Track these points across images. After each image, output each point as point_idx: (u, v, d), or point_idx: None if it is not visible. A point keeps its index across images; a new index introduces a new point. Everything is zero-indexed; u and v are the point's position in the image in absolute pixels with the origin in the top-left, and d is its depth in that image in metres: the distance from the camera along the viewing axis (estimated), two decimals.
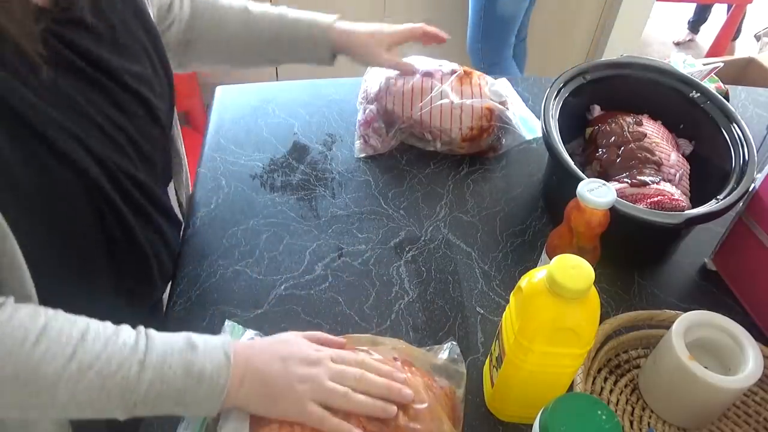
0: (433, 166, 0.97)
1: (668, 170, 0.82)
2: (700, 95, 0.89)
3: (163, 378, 0.52)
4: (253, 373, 0.56)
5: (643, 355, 0.72)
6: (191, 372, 0.53)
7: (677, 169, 0.83)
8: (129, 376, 0.51)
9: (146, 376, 0.51)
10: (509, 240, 0.87)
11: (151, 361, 0.52)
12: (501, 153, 0.99)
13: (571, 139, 0.92)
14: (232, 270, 0.80)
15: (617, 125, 0.88)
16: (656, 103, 0.91)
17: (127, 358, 0.51)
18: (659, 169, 0.82)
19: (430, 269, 0.82)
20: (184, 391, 0.53)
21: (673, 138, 0.90)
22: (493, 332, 0.75)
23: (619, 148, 0.85)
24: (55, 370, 0.49)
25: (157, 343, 0.53)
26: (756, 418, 0.68)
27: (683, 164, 0.86)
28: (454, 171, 0.97)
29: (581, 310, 0.54)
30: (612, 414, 0.50)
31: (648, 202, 0.76)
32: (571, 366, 0.58)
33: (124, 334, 0.53)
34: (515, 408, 0.65)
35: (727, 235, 0.81)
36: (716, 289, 0.82)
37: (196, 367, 0.53)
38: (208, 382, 0.53)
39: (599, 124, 0.91)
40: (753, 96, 1.20)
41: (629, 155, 0.84)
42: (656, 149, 0.84)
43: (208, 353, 0.54)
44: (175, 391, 0.52)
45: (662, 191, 0.77)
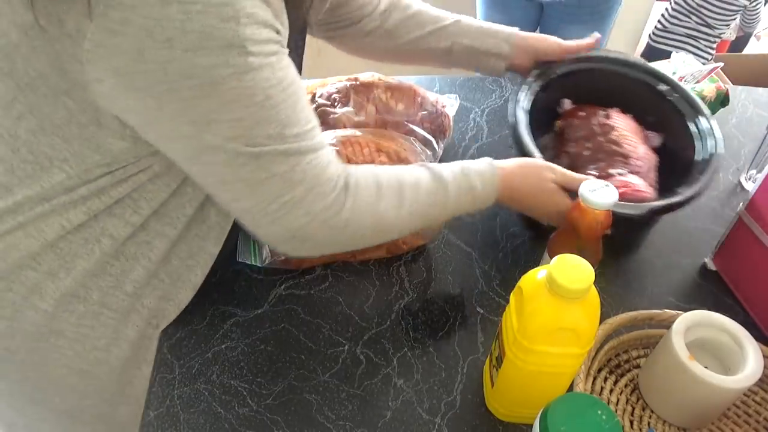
0: None
1: (636, 163, 0.83)
2: (668, 88, 0.90)
3: (458, 204, 0.70)
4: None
5: (643, 355, 0.72)
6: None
7: (645, 162, 0.84)
8: (437, 212, 0.69)
9: (449, 208, 0.69)
10: (509, 240, 0.87)
11: (451, 199, 0.68)
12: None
13: (543, 133, 0.93)
14: (232, 270, 0.80)
15: (586, 119, 0.88)
16: (625, 96, 0.91)
17: (434, 203, 0.68)
18: (627, 161, 0.82)
19: (430, 269, 0.82)
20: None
21: (642, 131, 0.91)
22: (493, 332, 0.75)
23: (587, 142, 0.85)
24: (394, 218, 0.65)
25: (450, 188, 0.68)
26: (756, 418, 0.68)
27: (651, 157, 0.86)
28: None
29: (581, 310, 0.54)
30: (612, 414, 0.51)
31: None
32: (571, 366, 0.58)
33: (424, 181, 0.67)
34: (515, 408, 0.65)
35: (727, 235, 0.81)
36: (716, 289, 0.82)
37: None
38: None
39: (569, 118, 0.91)
40: (753, 96, 1.20)
41: (598, 148, 0.84)
42: (624, 142, 0.84)
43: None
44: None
45: (627, 183, 0.77)
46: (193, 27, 0.48)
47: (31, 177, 0.59)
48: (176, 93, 0.51)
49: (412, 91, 0.92)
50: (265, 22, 0.52)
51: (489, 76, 0.92)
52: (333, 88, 0.90)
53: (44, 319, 0.65)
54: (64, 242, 0.63)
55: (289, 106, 0.55)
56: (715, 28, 2.21)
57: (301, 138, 0.57)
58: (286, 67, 0.55)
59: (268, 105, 0.53)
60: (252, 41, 0.50)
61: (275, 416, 0.66)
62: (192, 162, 0.57)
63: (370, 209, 0.63)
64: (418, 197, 0.66)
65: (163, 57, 0.48)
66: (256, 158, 0.55)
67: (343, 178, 0.61)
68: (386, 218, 0.64)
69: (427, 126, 0.91)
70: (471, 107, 1.10)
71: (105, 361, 0.70)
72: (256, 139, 0.54)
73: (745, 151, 1.06)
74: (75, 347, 0.68)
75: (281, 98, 0.54)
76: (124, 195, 0.62)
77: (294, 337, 0.73)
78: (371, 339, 0.74)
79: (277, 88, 0.54)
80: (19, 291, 0.64)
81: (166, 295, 0.71)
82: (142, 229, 0.65)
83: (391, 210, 0.64)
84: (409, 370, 0.71)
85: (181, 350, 0.71)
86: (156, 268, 0.68)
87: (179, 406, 0.66)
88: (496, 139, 1.04)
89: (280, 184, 0.57)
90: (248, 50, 0.50)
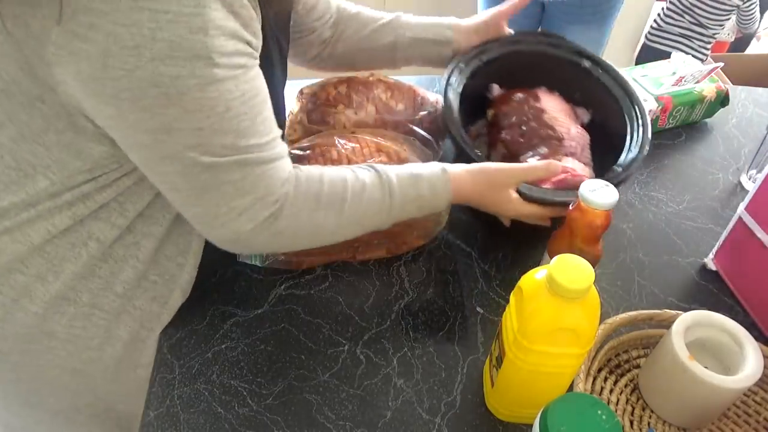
0: None
1: (570, 144, 0.82)
2: (591, 64, 0.90)
3: (404, 211, 0.70)
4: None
5: (643, 355, 0.72)
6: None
7: (578, 142, 0.84)
8: (380, 219, 0.69)
9: (393, 215, 0.69)
10: (509, 240, 0.86)
11: (395, 207, 0.68)
12: None
13: (476, 120, 0.93)
14: (232, 270, 0.80)
15: (516, 104, 0.87)
16: (552, 75, 0.91)
17: (378, 211, 0.68)
18: (561, 143, 0.82)
19: (430, 269, 0.82)
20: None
21: (572, 108, 0.91)
22: (493, 332, 0.75)
23: (521, 128, 0.85)
24: (334, 225, 0.66)
25: (396, 196, 0.68)
26: (756, 418, 0.68)
27: (583, 135, 0.86)
28: None
29: (581, 310, 0.54)
30: (612, 414, 0.50)
31: (553, 182, 0.76)
32: (571, 366, 0.58)
33: (369, 189, 0.67)
34: (515, 408, 0.65)
35: (727, 235, 0.81)
36: (716, 289, 0.82)
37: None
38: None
39: (500, 105, 0.90)
40: (753, 96, 1.20)
41: (531, 133, 0.83)
42: (556, 124, 0.84)
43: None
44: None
45: (566, 168, 0.77)
46: (163, 36, 0.48)
47: (15, 183, 0.59)
48: (139, 101, 0.51)
49: (412, 91, 0.92)
50: (234, 33, 0.52)
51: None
52: (333, 89, 0.90)
53: (35, 320, 0.65)
54: (51, 246, 0.63)
55: (249, 118, 0.56)
56: (709, 28, 2.21)
57: (258, 149, 0.58)
58: (251, 80, 0.56)
59: (228, 116, 0.54)
60: (219, 53, 0.51)
61: (275, 416, 0.66)
62: (149, 167, 0.58)
63: (308, 218, 0.64)
64: (361, 205, 0.66)
65: (130, 64, 0.49)
66: (211, 167, 0.56)
67: (287, 187, 0.62)
68: (325, 226, 0.66)
69: (427, 126, 0.91)
70: None
71: (98, 360, 0.70)
72: (214, 148, 0.55)
73: (745, 151, 1.06)
74: (67, 347, 0.68)
75: (242, 110, 0.55)
76: (109, 199, 0.62)
77: (294, 337, 0.73)
78: (371, 339, 0.74)
79: (239, 101, 0.54)
80: (8, 294, 0.64)
81: (158, 297, 0.71)
82: (128, 231, 0.65)
83: (330, 218, 0.65)
84: (409, 370, 0.71)
85: (181, 350, 0.71)
86: (145, 268, 0.68)
87: (179, 406, 0.66)
88: None
89: (231, 192, 0.58)
90: (215, 62, 0.51)
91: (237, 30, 0.53)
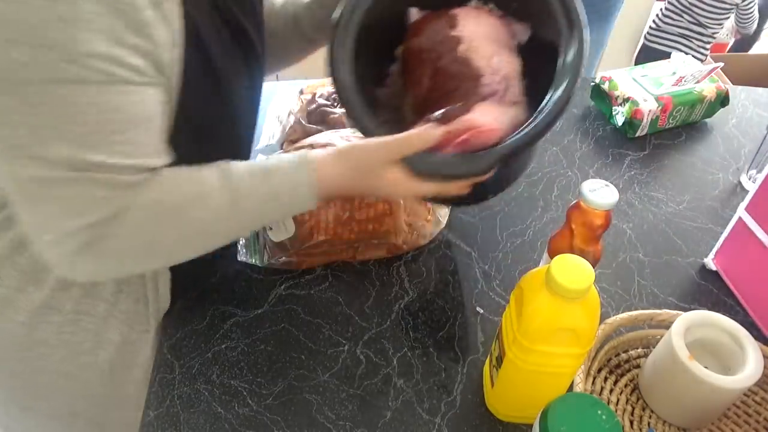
0: None
1: (490, 81, 0.64)
2: None
3: (262, 214, 0.60)
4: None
5: (643, 355, 0.72)
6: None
7: (503, 76, 0.65)
8: (233, 227, 0.60)
9: (247, 222, 0.60)
10: (509, 240, 0.87)
11: (246, 210, 0.59)
12: None
13: (387, 64, 0.73)
14: (232, 270, 0.80)
15: (427, 35, 0.68)
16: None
17: (225, 217, 0.58)
18: (477, 83, 0.64)
19: (430, 269, 0.82)
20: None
21: (506, 25, 0.70)
22: (493, 332, 0.75)
23: (429, 69, 0.66)
24: (174, 242, 0.58)
25: (247, 200, 0.58)
26: (756, 418, 0.68)
27: (511, 65, 0.67)
28: None
29: (581, 310, 0.54)
30: (612, 414, 0.50)
31: (455, 145, 0.59)
32: (571, 366, 0.58)
33: (212, 198, 0.57)
34: (515, 408, 0.65)
35: (727, 235, 0.81)
36: (716, 289, 0.82)
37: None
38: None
39: (412, 39, 0.70)
40: (753, 96, 1.20)
41: (443, 76, 0.65)
42: (474, 56, 0.65)
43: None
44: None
45: (471, 123, 0.59)
46: (27, 18, 0.44)
47: None
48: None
49: None
50: (111, 34, 0.47)
51: None
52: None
53: (24, 330, 0.65)
54: (21, 258, 0.62)
55: (102, 134, 0.49)
56: (708, 28, 2.21)
57: (106, 170, 0.50)
58: (123, 93, 0.49)
59: (74, 123, 0.48)
60: (84, 53, 0.46)
61: (275, 416, 0.66)
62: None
63: (143, 239, 0.55)
64: (204, 216, 0.57)
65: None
66: (42, 178, 0.49)
67: (123, 209, 0.53)
68: (164, 244, 0.57)
69: None
70: None
71: (92, 363, 0.70)
72: (49, 155, 0.48)
73: (745, 151, 1.06)
74: (60, 352, 0.68)
75: (94, 122, 0.48)
76: None
77: (294, 337, 0.73)
78: (371, 339, 0.74)
79: (95, 109, 0.48)
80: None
81: (140, 298, 0.70)
82: None
83: (171, 234, 0.57)
84: (409, 370, 0.71)
85: (181, 350, 0.71)
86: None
87: (179, 406, 0.66)
88: None
89: (62, 209, 0.51)
90: (75, 59, 0.46)
91: (116, 31, 0.47)
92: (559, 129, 1.07)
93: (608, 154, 1.03)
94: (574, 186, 0.96)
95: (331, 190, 0.60)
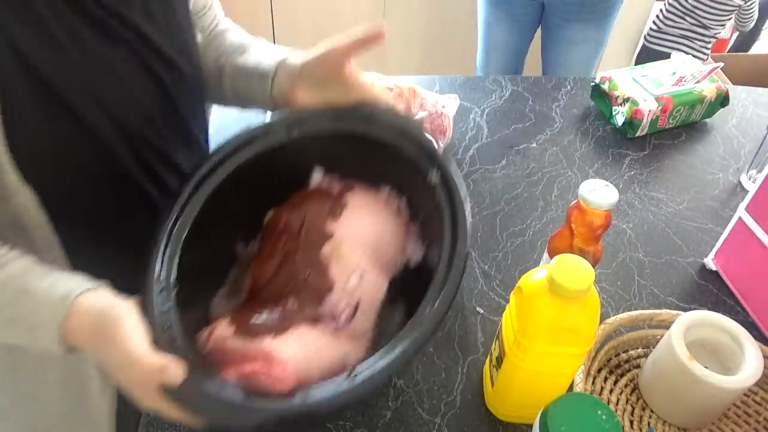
0: None
1: (337, 302, 0.55)
2: (439, 181, 0.56)
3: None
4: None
5: (643, 355, 0.72)
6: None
7: (353, 302, 0.55)
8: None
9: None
10: (509, 240, 0.87)
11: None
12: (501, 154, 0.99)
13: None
14: None
15: (304, 213, 0.59)
16: (397, 176, 0.62)
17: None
18: (322, 298, 0.55)
19: None
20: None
21: (401, 235, 0.62)
22: (493, 332, 0.75)
23: (283, 257, 0.57)
24: None
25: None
26: (756, 418, 0.68)
27: (372, 290, 0.57)
28: None
29: (581, 310, 0.54)
30: (612, 414, 0.50)
31: (239, 373, 0.48)
32: (571, 366, 0.59)
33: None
34: (515, 408, 0.65)
35: (727, 235, 0.81)
36: (716, 289, 0.82)
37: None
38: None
39: (287, 209, 0.61)
40: (753, 96, 1.20)
41: (290, 274, 0.56)
42: (334, 266, 0.56)
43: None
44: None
45: (266, 352, 0.49)
46: None
47: None
48: None
49: (412, 91, 0.92)
50: None
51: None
52: None
53: None
54: None
55: None
56: (711, 28, 2.21)
57: None
58: None
59: None
60: None
61: None
62: None
63: None
64: None
65: None
66: None
67: None
68: None
69: (427, 126, 0.91)
70: (471, 107, 1.10)
71: (43, 382, 0.68)
72: None
73: (745, 151, 1.06)
74: (7, 376, 0.67)
75: None
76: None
77: None
78: None
79: None
80: None
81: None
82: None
83: None
84: (408, 370, 0.70)
85: None
86: None
87: None
88: (496, 139, 1.04)
89: None
90: None
91: None
92: (560, 129, 1.07)
93: (608, 154, 1.04)
94: (574, 186, 0.96)
95: (77, 344, 0.49)
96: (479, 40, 1.78)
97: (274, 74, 0.65)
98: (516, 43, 1.73)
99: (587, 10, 1.57)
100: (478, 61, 1.83)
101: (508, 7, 1.65)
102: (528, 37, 1.73)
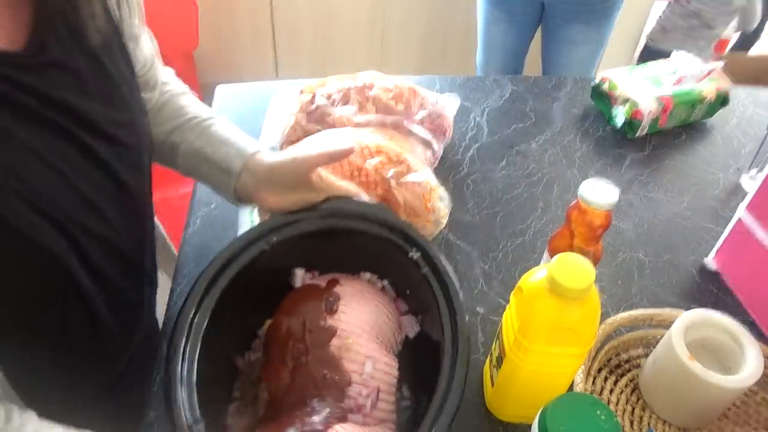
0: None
1: (359, 392, 0.56)
2: (419, 255, 0.60)
3: None
4: None
5: (643, 355, 0.72)
6: None
7: (373, 386, 0.57)
8: None
9: None
10: (509, 240, 0.87)
11: None
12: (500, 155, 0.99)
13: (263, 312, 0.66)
14: None
15: (302, 314, 0.60)
16: (382, 261, 0.65)
17: None
18: (343, 394, 0.56)
19: None
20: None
21: (391, 314, 0.64)
22: (493, 332, 0.75)
23: (295, 364, 0.57)
24: None
25: None
26: (756, 418, 0.68)
27: (386, 373, 0.58)
28: (454, 171, 0.97)
29: (581, 310, 0.54)
30: (611, 414, 0.50)
31: None
32: (571, 366, 0.58)
33: None
34: (515, 408, 0.65)
35: (727, 235, 0.81)
36: (716, 289, 0.82)
37: None
38: None
39: (281, 313, 0.61)
40: (753, 96, 1.20)
41: (306, 378, 0.56)
42: (347, 358, 0.57)
43: None
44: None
45: None
46: None
47: None
48: None
49: (412, 91, 0.92)
50: None
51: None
52: (333, 88, 0.91)
53: None
54: None
55: None
56: (714, 29, 2.21)
57: None
58: None
59: None
60: None
61: None
62: None
63: None
64: None
65: None
66: None
67: None
68: None
69: (427, 126, 0.91)
70: (471, 107, 1.10)
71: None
72: None
73: (745, 151, 1.06)
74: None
75: None
76: None
77: None
78: None
79: None
80: None
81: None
82: None
83: None
84: None
85: None
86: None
87: None
88: (495, 139, 1.04)
89: None
90: None
91: None
92: (560, 129, 1.07)
93: (608, 154, 1.04)
94: (574, 186, 0.96)
95: None
96: (479, 40, 1.78)
97: (239, 173, 0.65)
98: (516, 43, 1.73)
99: (587, 10, 1.57)
100: (478, 61, 1.83)
101: (508, 7, 1.65)
102: (528, 37, 1.73)
